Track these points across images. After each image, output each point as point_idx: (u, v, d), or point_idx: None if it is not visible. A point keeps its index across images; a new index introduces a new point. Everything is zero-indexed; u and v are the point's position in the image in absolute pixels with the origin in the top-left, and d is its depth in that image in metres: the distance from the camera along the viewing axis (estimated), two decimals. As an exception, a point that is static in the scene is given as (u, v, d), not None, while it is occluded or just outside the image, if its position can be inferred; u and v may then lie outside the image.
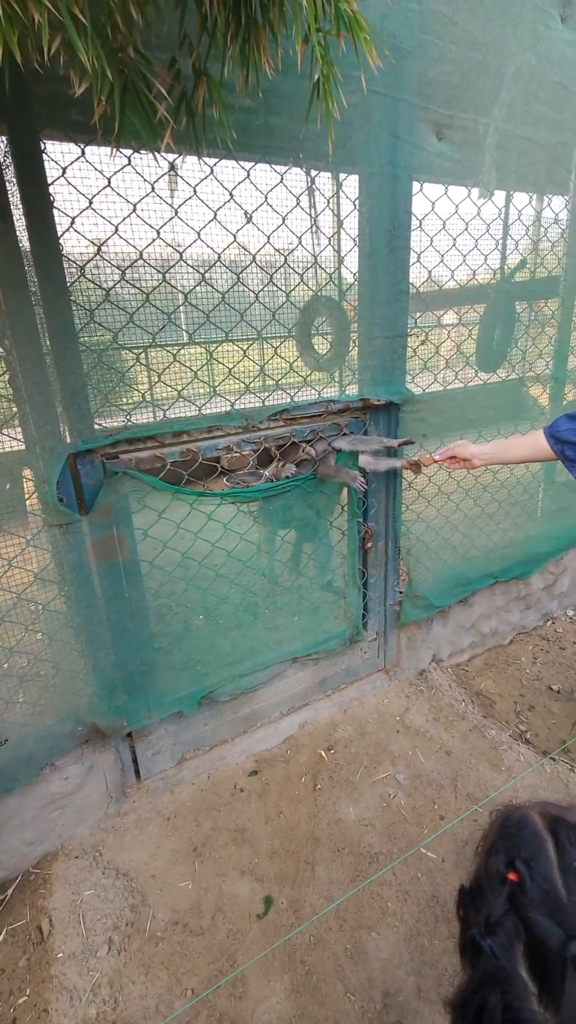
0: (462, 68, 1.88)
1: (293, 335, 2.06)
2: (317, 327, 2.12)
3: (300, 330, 2.06)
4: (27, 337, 1.44)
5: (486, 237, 2.26)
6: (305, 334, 2.05)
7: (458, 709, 2.56)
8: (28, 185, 1.37)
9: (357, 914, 1.76)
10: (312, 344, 2.11)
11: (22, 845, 1.86)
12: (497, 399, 2.58)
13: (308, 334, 2.07)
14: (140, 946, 1.69)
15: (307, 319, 2.08)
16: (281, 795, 2.16)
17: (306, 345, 2.08)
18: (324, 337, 2.17)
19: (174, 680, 2.06)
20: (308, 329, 2.12)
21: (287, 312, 1.90)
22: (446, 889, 1.82)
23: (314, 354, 2.13)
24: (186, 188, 1.58)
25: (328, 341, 2.16)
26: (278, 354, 1.94)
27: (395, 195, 1.88)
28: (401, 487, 2.35)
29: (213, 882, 1.86)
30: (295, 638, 2.36)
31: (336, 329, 2.14)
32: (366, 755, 2.32)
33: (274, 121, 1.59)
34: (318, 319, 2.10)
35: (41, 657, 1.78)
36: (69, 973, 1.61)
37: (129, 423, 1.69)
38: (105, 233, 1.50)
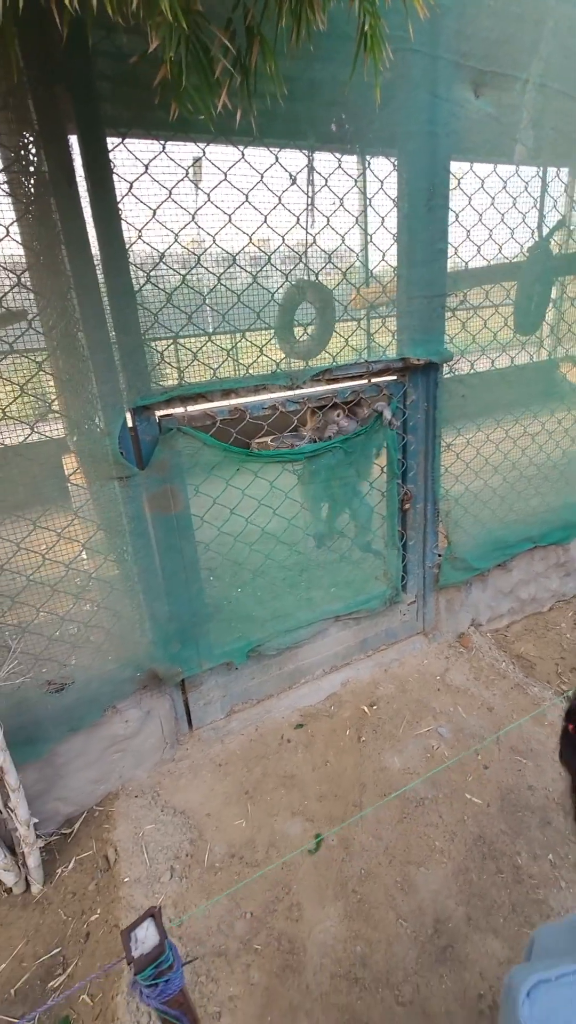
0: (500, 22, 1.90)
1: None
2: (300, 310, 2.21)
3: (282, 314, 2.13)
4: (89, 296, 1.54)
5: (524, 197, 2.27)
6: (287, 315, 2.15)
7: (499, 669, 2.59)
8: (92, 163, 1.46)
9: (405, 851, 1.83)
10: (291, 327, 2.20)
11: (87, 783, 1.99)
12: (535, 365, 2.58)
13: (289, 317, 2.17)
14: (200, 875, 1.79)
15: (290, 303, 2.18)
16: (327, 746, 2.23)
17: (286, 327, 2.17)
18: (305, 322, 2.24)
19: (224, 632, 2.15)
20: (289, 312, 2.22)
21: (329, 273, 1.96)
22: (491, 831, 1.87)
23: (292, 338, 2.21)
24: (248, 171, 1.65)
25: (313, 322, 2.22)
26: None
27: (434, 153, 1.91)
28: (440, 449, 2.39)
29: (265, 821, 1.95)
30: (336, 597, 2.43)
31: (320, 307, 2.21)
32: (408, 711, 2.38)
33: (318, 79, 1.64)
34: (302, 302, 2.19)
35: (103, 605, 1.89)
36: (136, 895, 1.73)
37: (182, 381, 1.78)
38: (160, 197, 1.58)
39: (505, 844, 1.83)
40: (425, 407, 2.29)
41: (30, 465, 1.94)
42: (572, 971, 0.54)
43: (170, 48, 1.05)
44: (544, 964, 0.56)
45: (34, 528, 1.66)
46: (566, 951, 0.60)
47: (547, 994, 0.54)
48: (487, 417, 2.53)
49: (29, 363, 1.56)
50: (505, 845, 1.82)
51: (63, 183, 1.43)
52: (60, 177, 1.42)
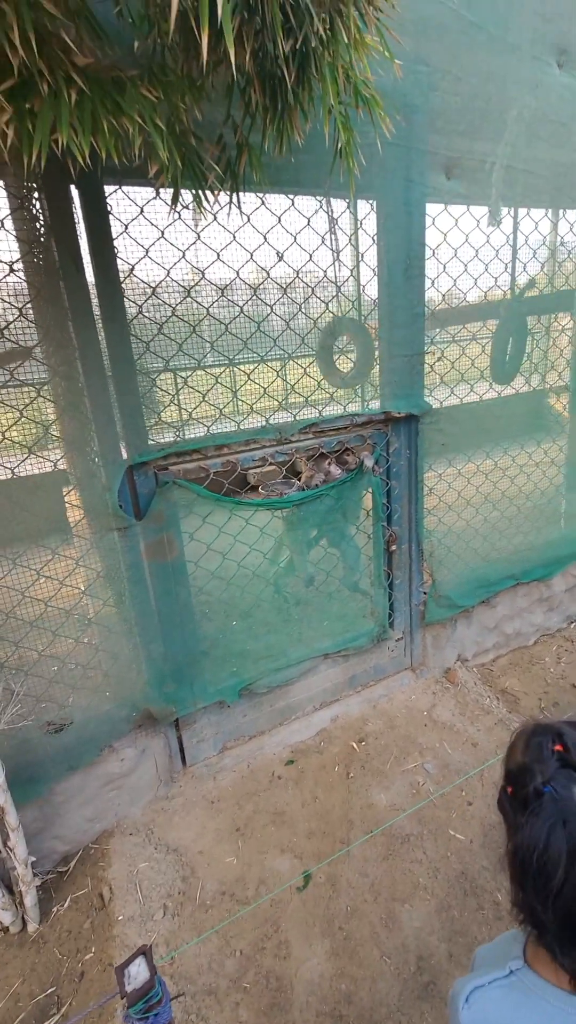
0: (467, 116, 2.10)
1: (317, 355, 2.27)
2: (340, 347, 2.32)
3: (323, 351, 2.26)
4: (94, 366, 1.69)
5: (495, 259, 2.46)
6: (328, 354, 2.25)
7: (483, 704, 2.67)
8: (95, 237, 1.62)
9: (391, 888, 1.89)
10: (335, 363, 2.30)
11: (83, 821, 2.05)
12: (512, 410, 2.74)
13: (331, 354, 2.26)
14: (192, 912, 1.85)
15: (329, 340, 2.27)
16: (316, 782, 2.30)
17: (329, 364, 2.28)
18: (348, 356, 2.37)
19: (217, 671, 2.25)
20: (331, 350, 2.31)
21: (315, 335, 2.12)
22: (474, 867, 1.94)
23: (337, 372, 2.32)
24: (226, 235, 1.82)
25: (351, 359, 2.36)
26: (308, 374, 2.16)
27: (410, 230, 2.10)
28: (422, 493, 2.52)
29: (256, 858, 2.01)
30: (326, 635, 2.53)
31: (360, 348, 2.33)
32: (395, 747, 2.45)
33: (303, 174, 1.83)
34: (340, 339, 2.29)
35: (101, 648, 1.99)
36: (130, 933, 1.78)
37: (178, 438, 1.92)
38: (158, 277, 1.75)
39: (486, 880, 1.89)
40: (407, 454, 2.44)
41: (34, 517, 2.07)
42: (500, 976, 0.66)
43: (167, 173, 1.21)
44: (478, 973, 0.67)
45: (38, 577, 1.77)
46: (495, 962, 0.71)
47: (481, 998, 0.65)
48: (467, 462, 2.67)
49: (38, 427, 1.70)
50: (486, 881, 1.89)
51: (71, 267, 1.59)
52: (68, 262, 1.59)
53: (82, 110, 0.92)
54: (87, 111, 0.92)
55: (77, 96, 0.91)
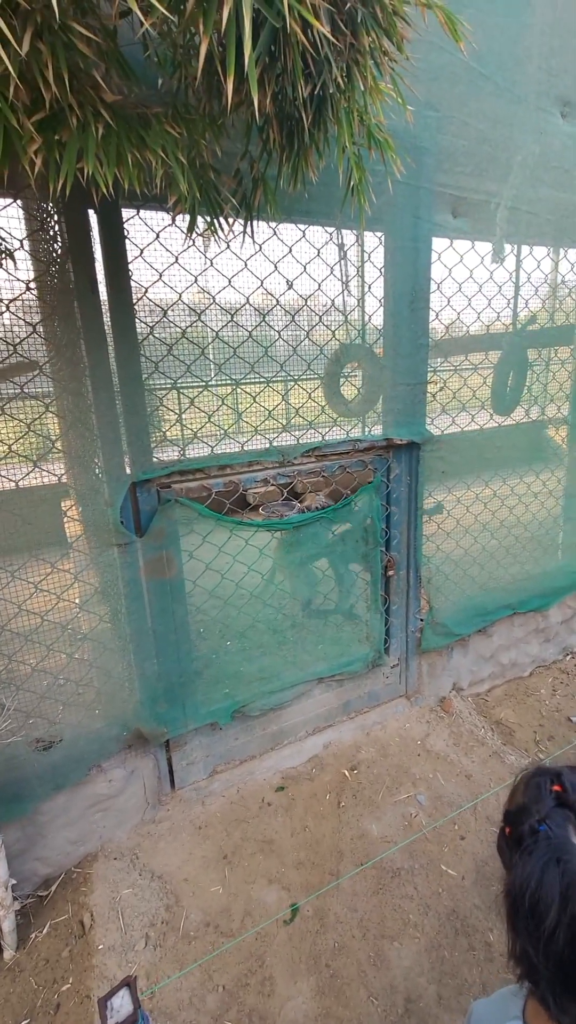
0: (474, 159, 2.19)
1: (323, 380, 2.30)
2: (347, 374, 2.34)
3: (329, 378, 2.29)
4: (103, 384, 1.72)
5: (499, 294, 2.52)
6: (334, 381, 2.27)
7: (478, 735, 2.64)
8: (110, 259, 1.67)
9: (380, 924, 1.84)
10: (341, 390, 2.33)
11: (67, 844, 2.00)
12: (511, 440, 2.78)
13: (338, 381, 2.29)
14: (175, 943, 1.79)
15: (337, 368, 2.29)
16: (307, 810, 2.26)
17: (334, 391, 2.30)
18: (353, 383, 2.41)
19: (210, 692, 2.22)
20: (338, 377, 2.33)
21: (320, 362, 2.17)
22: (466, 905, 1.89)
23: (343, 400, 2.34)
24: (238, 262, 1.87)
25: (358, 387, 2.39)
26: (312, 399, 2.19)
27: (416, 264, 2.16)
28: (421, 519, 2.54)
29: (242, 888, 1.96)
30: (320, 659, 2.51)
31: (368, 375, 2.35)
32: (388, 776, 2.41)
33: (315, 206, 1.89)
34: (349, 366, 2.32)
35: (95, 664, 1.97)
36: (109, 964, 1.73)
37: (182, 457, 1.94)
38: (171, 300, 1.79)
39: (478, 920, 1.84)
40: (408, 480, 2.46)
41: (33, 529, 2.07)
42: None
43: (186, 204, 1.25)
44: None
45: (36, 591, 1.77)
46: (494, 1020, 0.69)
47: None
48: (466, 490, 2.69)
49: (44, 440, 1.72)
50: (478, 921, 1.84)
51: (86, 289, 1.63)
52: (83, 284, 1.62)
53: (108, 143, 0.96)
54: (113, 144, 0.96)
55: (104, 130, 0.95)
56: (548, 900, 0.60)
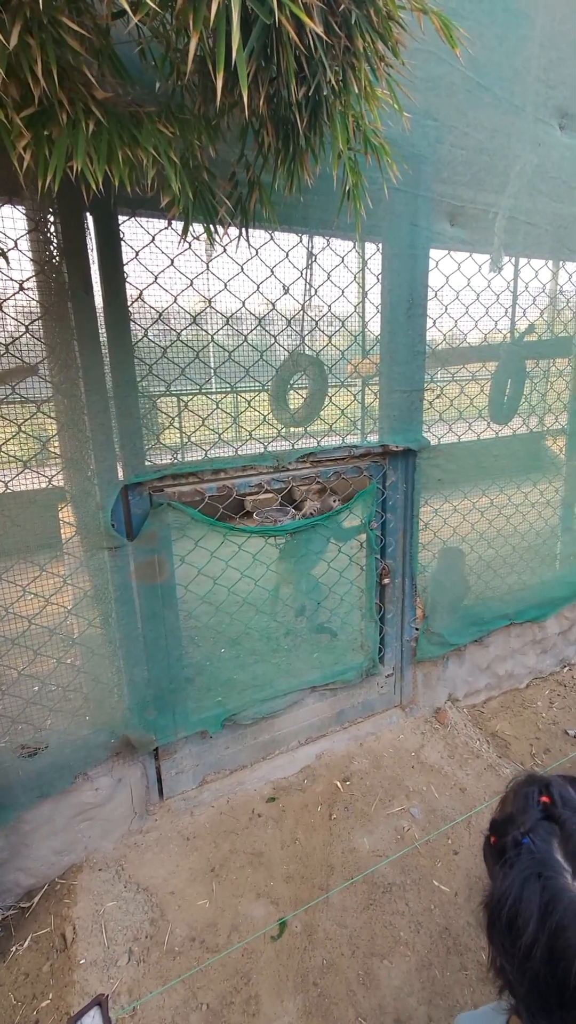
0: (472, 168, 2.20)
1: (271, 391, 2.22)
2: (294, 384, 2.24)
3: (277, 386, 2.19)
4: (96, 386, 1.70)
5: (496, 303, 2.52)
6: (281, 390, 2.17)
7: (473, 748, 2.60)
8: (106, 262, 1.66)
9: (370, 942, 1.79)
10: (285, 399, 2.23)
11: (51, 854, 1.96)
12: (509, 450, 2.76)
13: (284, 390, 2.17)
14: (159, 959, 1.75)
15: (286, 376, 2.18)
16: (297, 822, 2.22)
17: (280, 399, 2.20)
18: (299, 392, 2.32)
19: (200, 700, 2.19)
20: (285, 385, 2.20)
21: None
22: (458, 923, 1.84)
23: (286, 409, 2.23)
24: (234, 266, 1.87)
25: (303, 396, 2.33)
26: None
27: (413, 271, 2.16)
28: (417, 527, 2.51)
29: (229, 902, 1.92)
30: (314, 667, 2.48)
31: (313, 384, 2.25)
32: (381, 788, 2.37)
33: (312, 214, 1.89)
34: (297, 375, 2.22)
35: (83, 670, 1.94)
36: (91, 979, 1.68)
37: (175, 460, 1.92)
38: (165, 303, 1.79)
39: (470, 938, 1.80)
40: (404, 488, 2.44)
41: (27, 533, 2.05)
42: None
43: (179, 204, 1.25)
44: None
45: (24, 593, 1.74)
46: None
47: None
48: (463, 498, 2.68)
49: (36, 442, 1.70)
50: (471, 939, 1.79)
51: (80, 290, 1.62)
52: (78, 285, 1.62)
53: (98, 140, 0.95)
54: (103, 141, 0.95)
55: (95, 127, 0.94)
56: (526, 916, 0.57)
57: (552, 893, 0.57)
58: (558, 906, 0.56)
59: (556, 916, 0.55)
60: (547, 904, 0.57)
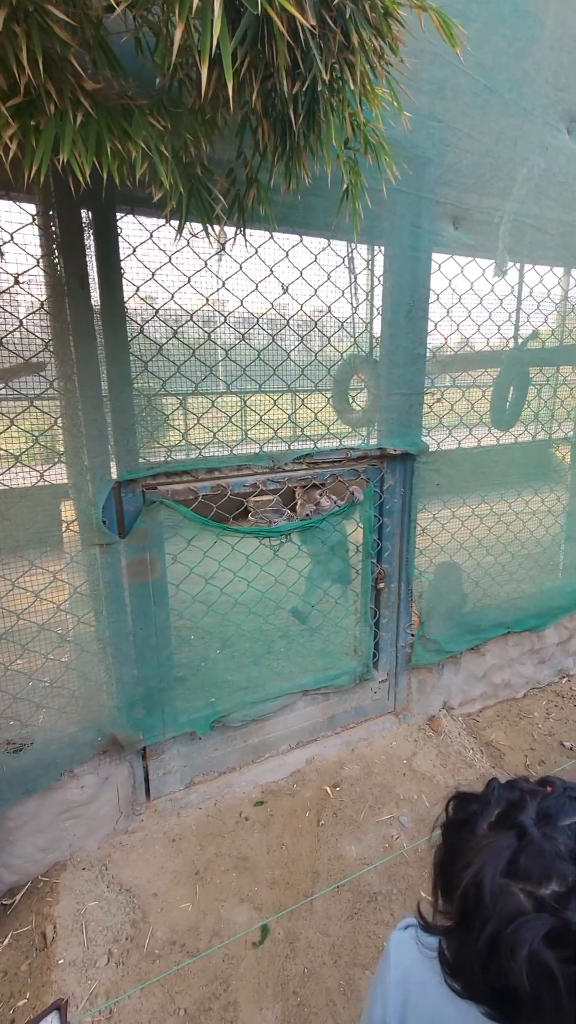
0: (477, 171, 2.18)
1: (320, 389, 2.26)
2: (352, 384, 2.30)
3: (337, 386, 2.26)
4: (90, 381, 1.70)
5: (500, 308, 2.50)
6: (342, 390, 2.22)
7: (466, 757, 2.56)
8: (103, 258, 1.66)
9: (352, 951, 1.76)
10: (348, 400, 2.28)
11: (35, 851, 1.94)
12: (510, 456, 2.73)
13: (345, 390, 2.23)
14: (138, 961, 1.73)
15: (345, 375, 2.24)
16: (285, 827, 2.19)
17: (342, 400, 2.25)
18: (353, 394, 2.36)
19: (190, 700, 2.17)
20: (345, 385, 2.27)
21: (315, 369, 2.14)
22: (444, 935, 1.81)
23: (349, 409, 2.29)
24: (233, 263, 1.86)
25: (359, 398, 2.35)
26: (305, 405, 2.17)
27: (415, 273, 2.14)
28: (415, 532, 2.49)
29: (212, 906, 1.89)
30: (306, 671, 2.45)
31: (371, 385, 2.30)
32: (371, 795, 2.34)
33: (312, 216, 1.88)
34: (355, 376, 2.27)
35: (71, 666, 1.93)
36: (68, 980, 1.66)
37: (169, 458, 1.91)
38: (163, 298, 1.78)
39: (456, 951, 1.76)
40: (401, 492, 2.42)
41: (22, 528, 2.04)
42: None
43: (172, 199, 1.24)
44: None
45: (12, 588, 1.73)
46: None
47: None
48: (461, 504, 2.65)
49: (28, 438, 1.69)
50: (456, 952, 1.76)
51: (76, 285, 1.61)
52: (74, 279, 1.61)
53: (87, 131, 0.94)
54: (92, 133, 0.95)
55: (83, 118, 0.94)
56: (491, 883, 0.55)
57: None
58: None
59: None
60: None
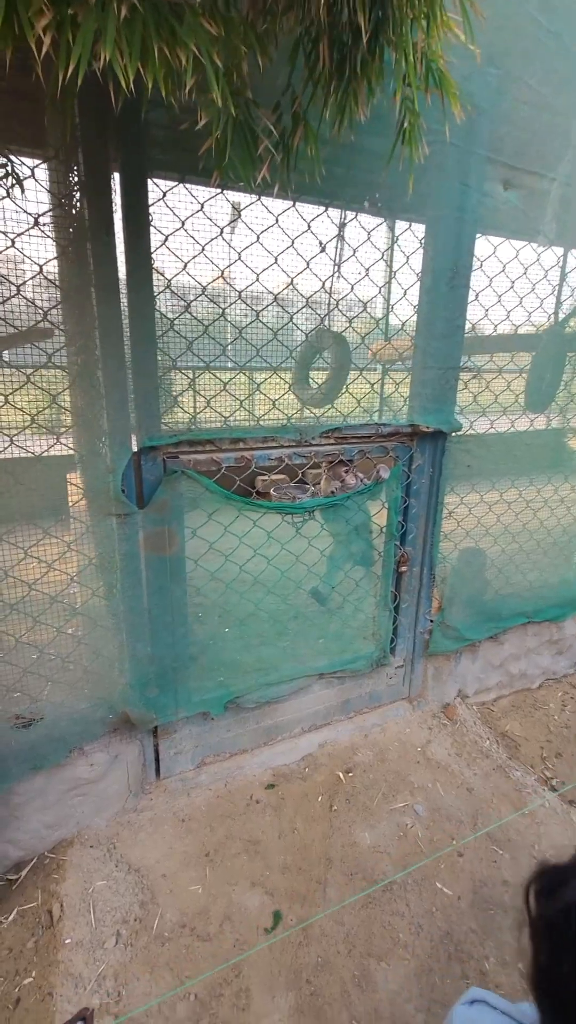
0: (533, 127, 2.01)
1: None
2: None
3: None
4: (113, 339, 1.57)
5: (544, 280, 2.35)
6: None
7: (482, 747, 2.50)
8: (131, 216, 1.52)
9: (367, 941, 1.72)
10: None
11: (41, 827, 1.89)
12: (545, 439, 2.61)
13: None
14: (147, 943, 1.68)
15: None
16: (296, 812, 2.14)
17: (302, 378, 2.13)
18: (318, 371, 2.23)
19: (204, 680, 2.09)
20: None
21: (351, 336, 2.01)
22: (461, 928, 1.76)
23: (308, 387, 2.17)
24: (269, 216, 1.71)
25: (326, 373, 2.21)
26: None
27: (460, 237, 1.99)
28: (441, 515, 2.38)
29: (223, 890, 1.85)
30: (322, 654, 2.38)
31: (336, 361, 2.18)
32: (385, 782, 2.28)
33: (360, 147, 1.72)
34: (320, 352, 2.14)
35: (84, 641, 1.85)
36: (75, 960, 1.62)
37: (192, 426, 1.79)
38: (193, 251, 1.64)
39: (473, 945, 1.72)
40: (430, 472, 2.30)
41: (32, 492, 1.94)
42: None
43: (216, 128, 1.10)
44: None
45: (25, 557, 1.64)
46: None
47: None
48: (490, 488, 2.54)
49: (44, 395, 1.58)
50: (473, 946, 1.71)
51: (101, 230, 1.48)
52: (98, 224, 1.47)
53: (131, 29, 0.80)
54: (137, 32, 0.81)
55: (128, 13, 0.80)
56: None
57: None
58: None
59: None
60: None
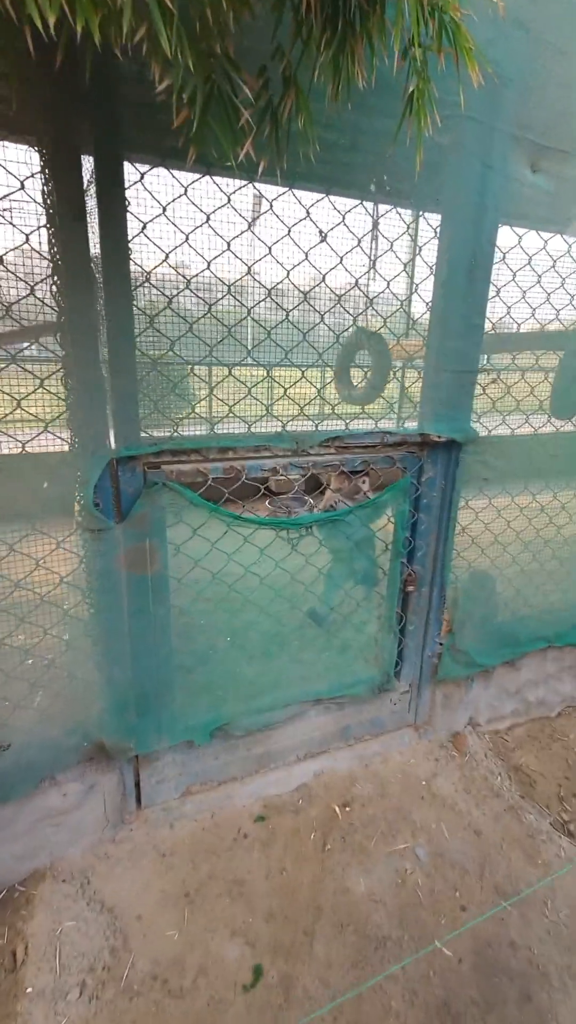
0: (566, 101, 1.78)
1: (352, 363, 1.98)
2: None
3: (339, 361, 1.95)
4: (85, 335, 1.42)
5: (573, 277, 2.12)
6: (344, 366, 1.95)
7: (493, 784, 2.31)
8: (105, 197, 1.36)
9: (355, 1008, 1.55)
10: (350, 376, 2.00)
11: (10, 858, 1.77)
12: (570, 448, 2.38)
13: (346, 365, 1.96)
14: (113, 997, 1.55)
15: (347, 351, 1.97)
16: (286, 849, 1.98)
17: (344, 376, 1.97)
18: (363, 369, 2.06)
19: (189, 706, 1.95)
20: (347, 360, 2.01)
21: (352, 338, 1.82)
22: (460, 998, 1.58)
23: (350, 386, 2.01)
24: (263, 201, 1.54)
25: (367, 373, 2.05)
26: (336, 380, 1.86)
27: (480, 225, 1.78)
28: (454, 532, 2.18)
29: (201, 937, 1.70)
30: (320, 677, 2.21)
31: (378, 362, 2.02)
32: (384, 820, 2.11)
33: (362, 127, 1.53)
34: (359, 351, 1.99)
35: (56, 664, 1.72)
36: (36, 1013, 1.49)
37: (175, 434, 1.64)
38: (176, 241, 1.48)
39: (474, 1020, 1.54)
40: (442, 486, 2.11)
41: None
42: None
43: (185, 89, 0.93)
44: None
45: (-11, 575, 1.51)
46: None
47: None
48: (509, 502, 2.32)
49: (9, 399, 1.44)
50: (473, 1021, 1.53)
51: (69, 216, 1.32)
52: (67, 209, 1.32)
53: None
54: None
55: None
56: None
57: None
58: None
59: None
60: None
